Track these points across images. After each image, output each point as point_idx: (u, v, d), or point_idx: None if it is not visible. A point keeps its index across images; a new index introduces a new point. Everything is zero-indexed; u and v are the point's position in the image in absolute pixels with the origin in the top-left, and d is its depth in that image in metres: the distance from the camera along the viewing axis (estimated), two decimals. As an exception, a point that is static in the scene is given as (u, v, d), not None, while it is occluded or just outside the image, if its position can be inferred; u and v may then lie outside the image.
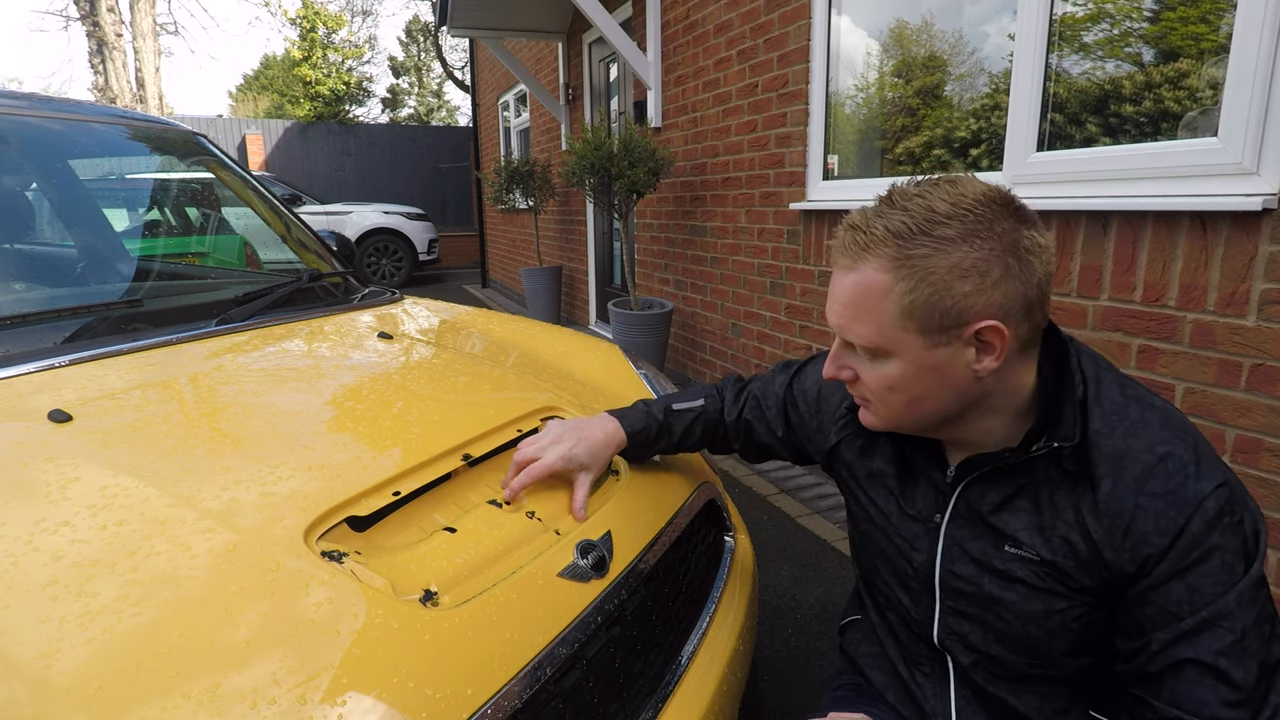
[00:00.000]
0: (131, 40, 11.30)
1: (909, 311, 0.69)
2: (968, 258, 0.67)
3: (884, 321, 0.71)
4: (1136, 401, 0.73)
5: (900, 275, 0.69)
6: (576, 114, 5.90)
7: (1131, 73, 1.81)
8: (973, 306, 0.68)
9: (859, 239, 0.71)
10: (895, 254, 0.69)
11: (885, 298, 0.70)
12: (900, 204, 0.70)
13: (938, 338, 0.70)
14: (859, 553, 0.98)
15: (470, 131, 10.95)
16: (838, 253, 0.74)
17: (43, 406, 0.91)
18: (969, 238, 0.67)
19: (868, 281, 0.70)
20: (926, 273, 0.68)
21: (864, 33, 2.76)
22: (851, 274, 0.72)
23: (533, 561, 0.83)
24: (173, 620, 0.62)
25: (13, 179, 1.61)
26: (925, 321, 0.69)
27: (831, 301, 0.75)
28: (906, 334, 0.70)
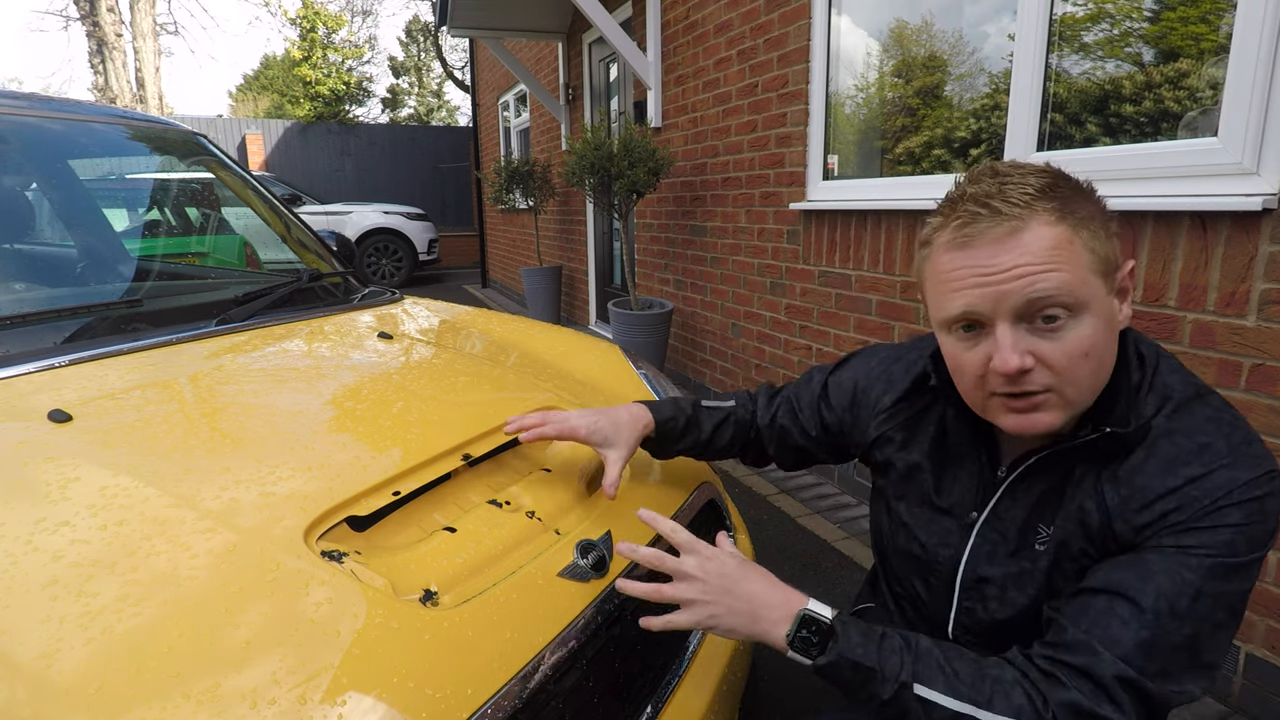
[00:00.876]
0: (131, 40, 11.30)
1: (1097, 257, 0.67)
2: (1096, 205, 0.68)
3: (1081, 270, 0.66)
4: (1195, 394, 0.71)
5: (1074, 224, 0.66)
6: (576, 114, 5.90)
7: (1131, 73, 1.81)
8: (1117, 249, 0.68)
9: (1014, 197, 0.66)
10: (1060, 207, 0.66)
11: (1073, 244, 0.65)
12: (1015, 172, 0.68)
13: (1109, 284, 0.68)
14: (881, 544, 0.96)
15: (470, 131, 10.95)
16: (980, 224, 0.67)
17: (43, 406, 0.91)
18: (1074, 185, 0.68)
19: (1050, 233, 0.65)
20: (1089, 219, 0.67)
21: (864, 32, 2.76)
22: (1024, 231, 0.65)
23: (533, 561, 0.83)
24: (173, 620, 0.62)
25: (13, 179, 1.61)
26: (1106, 265, 0.67)
27: (993, 272, 0.66)
28: (1097, 282, 0.67)
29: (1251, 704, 1.56)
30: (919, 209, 2.29)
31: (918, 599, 0.89)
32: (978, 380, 0.71)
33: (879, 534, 0.97)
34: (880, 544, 0.97)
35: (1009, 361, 0.66)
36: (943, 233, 0.70)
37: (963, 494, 0.82)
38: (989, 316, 0.67)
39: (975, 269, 0.67)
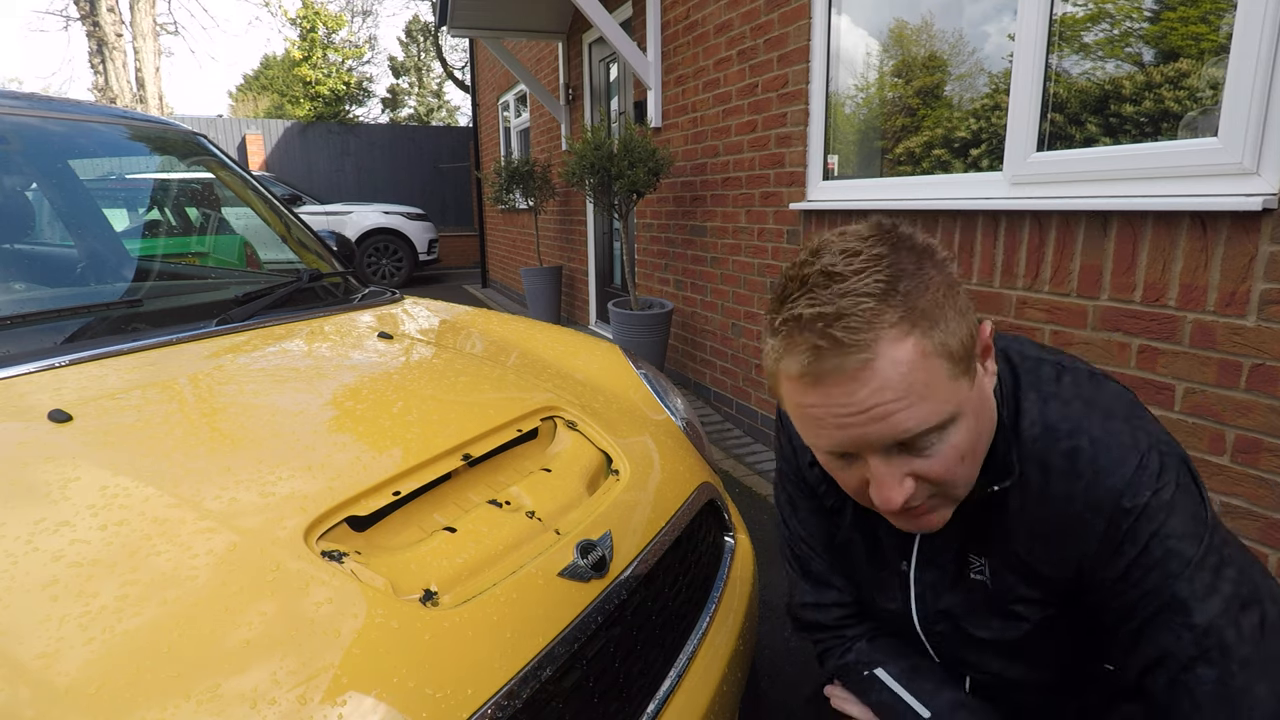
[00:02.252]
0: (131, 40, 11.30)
1: (954, 358, 0.60)
2: (939, 278, 0.61)
3: (942, 384, 0.60)
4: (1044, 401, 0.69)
5: (924, 330, 0.59)
6: (576, 114, 5.89)
7: (1131, 73, 1.81)
8: (971, 318, 0.63)
9: (855, 320, 0.58)
10: (905, 313, 0.58)
11: (928, 359, 0.59)
12: (848, 271, 0.60)
13: (970, 369, 0.63)
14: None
15: (470, 131, 10.95)
16: (826, 360, 0.59)
17: (43, 406, 0.91)
18: (914, 260, 0.61)
19: (902, 356, 0.58)
20: (935, 309, 0.60)
21: (864, 32, 2.76)
22: (874, 362, 0.58)
23: (533, 561, 0.83)
24: (173, 620, 0.62)
25: (13, 179, 1.61)
26: (965, 355, 0.61)
27: (852, 412, 0.60)
28: (959, 382, 0.61)
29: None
30: (919, 209, 2.29)
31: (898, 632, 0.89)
32: (860, 494, 0.68)
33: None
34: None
35: (892, 500, 0.63)
36: (787, 362, 0.61)
37: (889, 548, 0.82)
38: (858, 451, 0.64)
39: (832, 408, 0.60)
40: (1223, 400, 1.56)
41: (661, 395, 1.50)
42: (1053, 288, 1.90)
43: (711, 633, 1.04)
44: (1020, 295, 1.99)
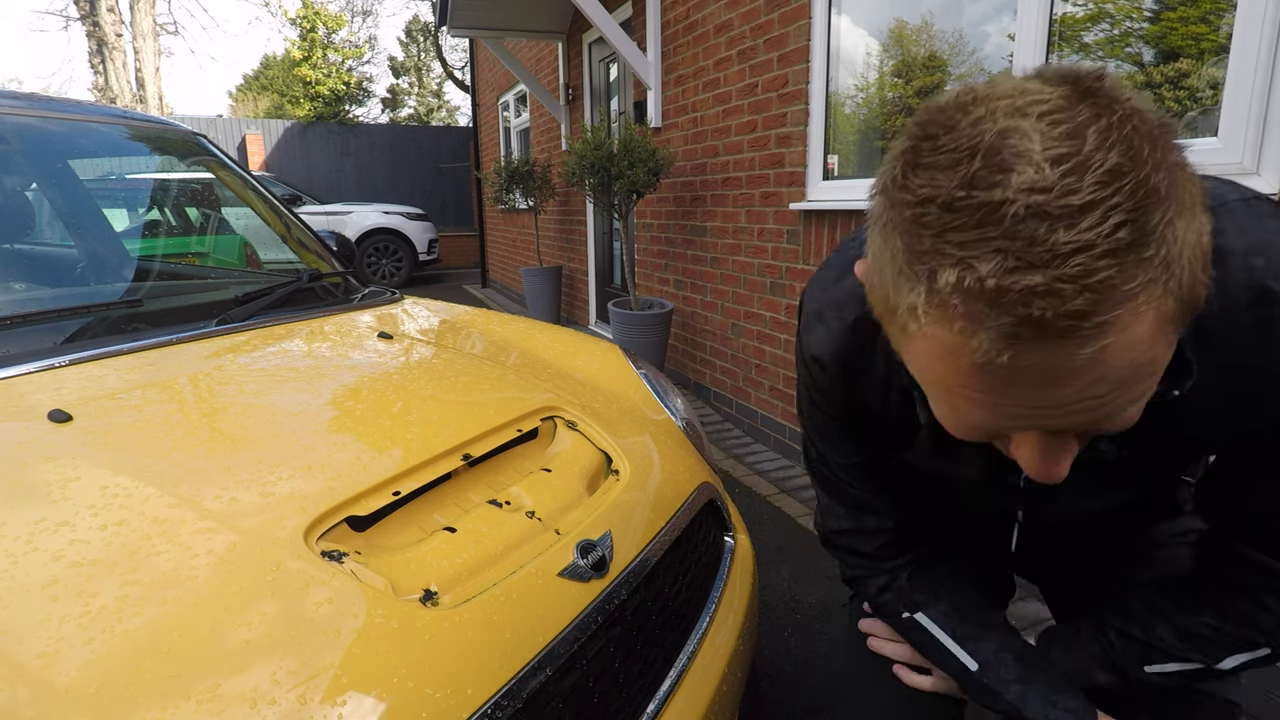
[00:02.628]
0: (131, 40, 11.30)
1: (1189, 307, 0.42)
2: (1181, 178, 0.41)
3: (1164, 355, 0.43)
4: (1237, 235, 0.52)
5: (1167, 285, 0.39)
6: (576, 114, 5.90)
7: (1131, 73, 1.81)
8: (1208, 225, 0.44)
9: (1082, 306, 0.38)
10: (1150, 264, 0.38)
11: (1162, 331, 0.41)
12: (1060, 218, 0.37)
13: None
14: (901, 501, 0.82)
15: (470, 131, 10.95)
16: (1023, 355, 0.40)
17: (43, 406, 0.91)
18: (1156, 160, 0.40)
19: (1139, 337, 0.40)
20: (1183, 243, 0.40)
21: (864, 32, 2.76)
22: (1100, 355, 0.39)
23: (533, 561, 0.83)
24: (173, 620, 0.62)
25: (13, 179, 1.61)
26: (1199, 303, 0.43)
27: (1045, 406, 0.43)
28: (1179, 331, 0.44)
29: (1251, 704, 1.56)
30: (919, 209, 2.29)
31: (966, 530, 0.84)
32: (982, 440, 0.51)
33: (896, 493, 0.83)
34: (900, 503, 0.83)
35: (1051, 474, 0.48)
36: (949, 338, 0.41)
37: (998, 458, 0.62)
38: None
39: (1016, 404, 0.43)
40: (1223, 400, 1.56)
41: (661, 395, 1.50)
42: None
43: (711, 633, 1.04)
44: (1020, 295, 1.99)
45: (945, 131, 0.40)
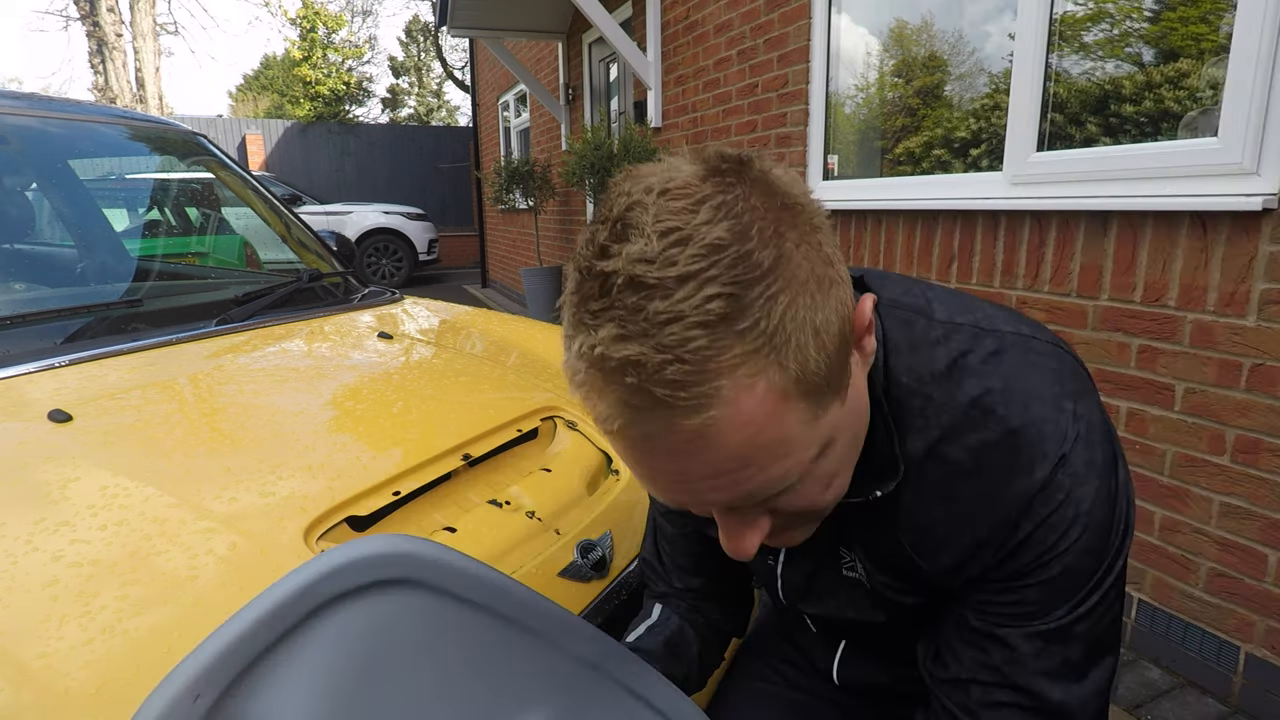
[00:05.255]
0: (131, 40, 11.31)
1: (818, 387, 0.42)
2: (795, 255, 0.40)
3: (803, 430, 0.43)
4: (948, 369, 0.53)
5: (773, 358, 0.39)
6: (576, 114, 5.90)
7: (1131, 73, 1.81)
8: (847, 304, 0.44)
9: (676, 375, 0.38)
10: (750, 342, 0.39)
11: (781, 406, 0.41)
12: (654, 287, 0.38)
13: (841, 379, 0.45)
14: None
15: (470, 131, 10.95)
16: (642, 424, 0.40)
17: (43, 406, 0.91)
18: (768, 232, 0.40)
19: (748, 414, 0.40)
20: (793, 319, 0.40)
21: (864, 32, 2.76)
22: (712, 429, 0.39)
23: (533, 561, 0.83)
24: (173, 620, 0.62)
25: (13, 179, 1.61)
26: (830, 378, 0.43)
27: (696, 475, 0.43)
28: (827, 411, 0.44)
29: (1251, 704, 1.56)
30: (919, 209, 2.29)
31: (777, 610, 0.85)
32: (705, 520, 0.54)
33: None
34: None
35: (744, 550, 0.49)
36: (593, 403, 0.42)
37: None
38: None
39: (665, 474, 0.44)
40: (1223, 400, 1.56)
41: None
42: (1053, 288, 1.90)
43: (711, 633, 1.04)
44: (1020, 295, 1.99)
45: (607, 197, 0.43)
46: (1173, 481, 1.68)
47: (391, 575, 0.43)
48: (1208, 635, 1.64)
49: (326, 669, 0.39)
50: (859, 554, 0.63)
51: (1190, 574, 1.66)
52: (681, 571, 0.80)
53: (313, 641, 0.39)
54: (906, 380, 0.54)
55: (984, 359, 0.53)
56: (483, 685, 0.47)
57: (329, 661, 0.40)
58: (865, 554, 0.62)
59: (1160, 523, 1.71)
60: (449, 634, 0.46)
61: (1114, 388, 1.77)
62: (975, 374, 0.53)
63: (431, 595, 0.45)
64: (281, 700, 0.37)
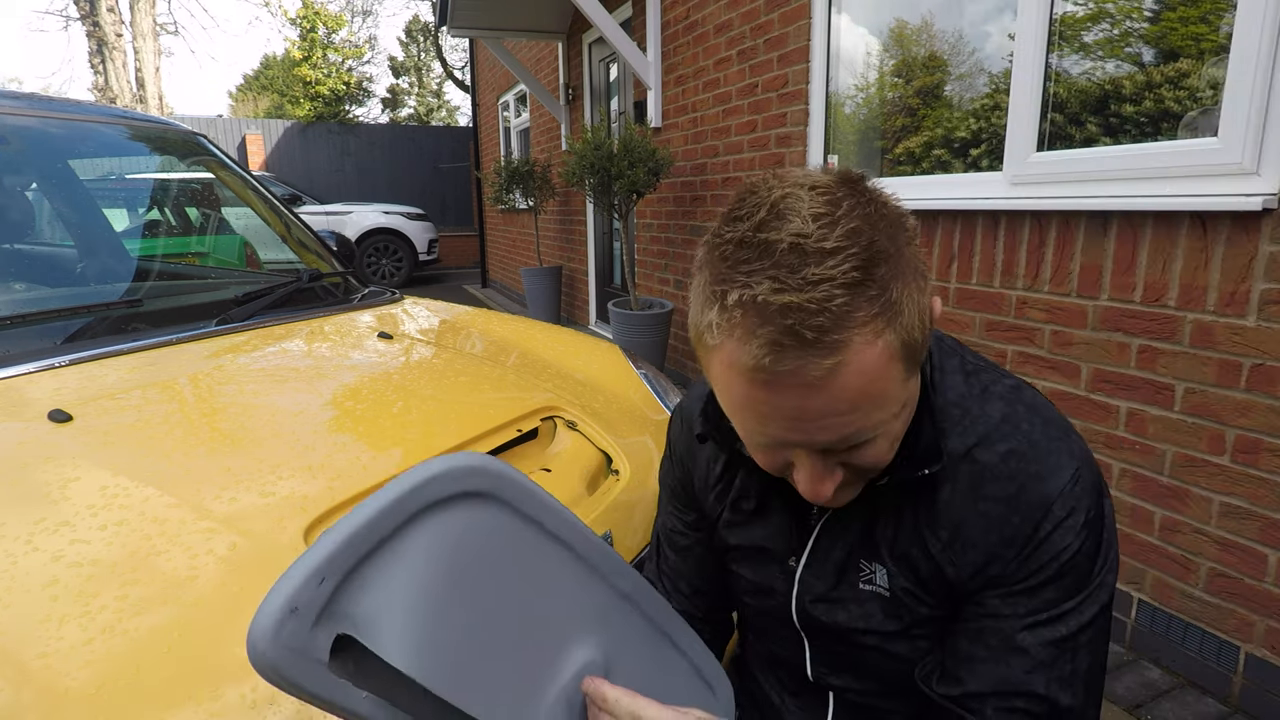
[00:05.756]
0: (131, 40, 11.30)
1: (912, 354, 0.53)
2: (906, 253, 0.52)
3: (897, 386, 0.53)
4: (980, 392, 0.65)
5: (895, 329, 0.50)
6: (576, 114, 5.90)
7: (1131, 73, 1.81)
8: (925, 296, 0.55)
9: (829, 316, 0.48)
10: (880, 308, 0.49)
11: (891, 364, 0.51)
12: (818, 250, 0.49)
13: (925, 354, 0.57)
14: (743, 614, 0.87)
15: (470, 131, 10.95)
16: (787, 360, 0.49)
17: (43, 406, 0.91)
18: (889, 233, 0.51)
19: (869, 362, 0.50)
20: (904, 298, 0.51)
21: (864, 32, 2.76)
22: (840, 370, 0.49)
23: (533, 561, 0.83)
24: (173, 620, 0.62)
25: (13, 179, 1.61)
26: (918, 352, 0.54)
27: (812, 414, 0.52)
28: (910, 379, 0.55)
29: (1251, 704, 1.56)
30: (919, 209, 2.28)
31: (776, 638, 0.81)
32: (775, 470, 0.62)
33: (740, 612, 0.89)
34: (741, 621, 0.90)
35: (821, 493, 0.58)
36: (735, 349, 0.51)
37: (776, 539, 0.75)
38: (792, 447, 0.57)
39: (781, 410, 0.53)
40: (1223, 400, 1.56)
41: (661, 395, 1.50)
42: (1053, 288, 1.90)
43: (711, 633, 1.04)
44: (1020, 295, 1.99)
45: (750, 195, 0.54)
46: (1172, 481, 1.68)
47: (477, 488, 0.47)
48: (1208, 635, 1.64)
49: (419, 573, 0.43)
50: (882, 562, 0.67)
51: (1190, 574, 1.66)
52: (679, 595, 0.86)
53: (410, 547, 0.43)
54: (950, 395, 0.65)
55: (1007, 390, 0.65)
56: (543, 605, 0.51)
57: (421, 566, 0.43)
58: (890, 556, 0.67)
59: (1160, 523, 1.71)
60: (520, 552, 0.50)
61: (1114, 388, 1.77)
62: (1003, 399, 0.65)
63: (508, 512, 0.49)
64: (383, 600, 0.41)
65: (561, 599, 0.52)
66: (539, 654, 0.51)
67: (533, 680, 0.50)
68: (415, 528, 0.44)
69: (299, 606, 0.39)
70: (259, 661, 0.37)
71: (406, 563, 0.43)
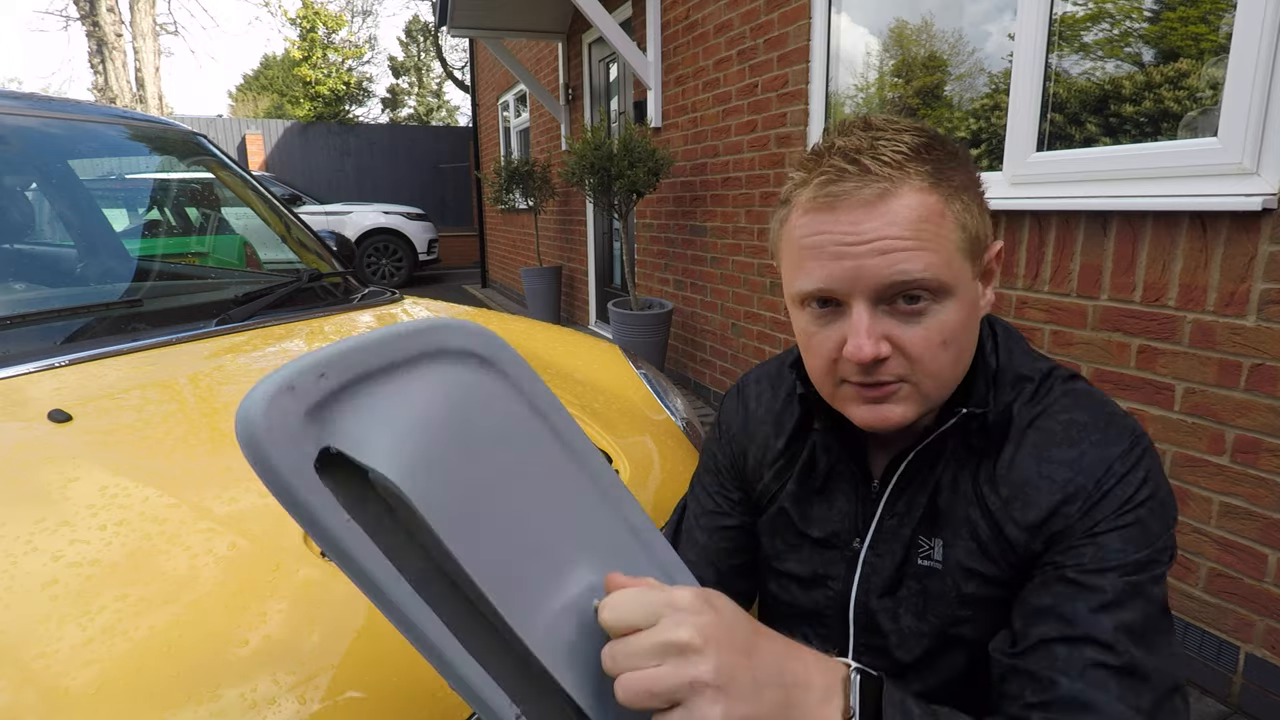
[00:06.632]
0: (131, 40, 11.30)
1: (967, 234, 0.60)
2: (970, 174, 0.62)
3: (950, 248, 0.59)
4: (1047, 372, 0.69)
5: (947, 194, 0.59)
6: (576, 114, 5.90)
7: (1131, 73, 1.81)
8: (988, 225, 0.63)
9: (886, 154, 0.58)
10: (934, 171, 0.59)
11: (944, 219, 0.59)
12: (889, 127, 0.61)
13: (976, 266, 0.62)
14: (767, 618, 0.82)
15: (470, 131, 10.95)
16: (846, 182, 0.58)
17: (43, 406, 0.91)
18: (952, 150, 0.61)
19: (920, 202, 0.58)
20: (962, 189, 0.60)
21: (864, 31, 2.76)
22: (893, 197, 0.57)
23: (533, 561, 0.83)
24: (173, 620, 0.62)
25: (13, 179, 1.61)
26: (975, 245, 0.61)
27: (855, 241, 0.58)
28: (964, 264, 0.61)
29: (1251, 704, 1.56)
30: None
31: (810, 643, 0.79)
32: (829, 365, 0.63)
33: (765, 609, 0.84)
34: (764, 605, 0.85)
35: (863, 349, 0.59)
36: (804, 190, 0.61)
37: (840, 521, 0.73)
38: (846, 294, 0.60)
39: (836, 236, 0.59)
40: (1223, 400, 1.56)
41: (661, 395, 1.50)
42: (1053, 288, 1.90)
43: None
44: (1020, 295, 1.99)
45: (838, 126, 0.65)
46: (1172, 481, 1.68)
47: (488, 355, 0.46)
48: (1207, 635, 1.64)
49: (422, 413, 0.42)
50: (940, 534, 0.68)
51: (1190, 574, 1.66)
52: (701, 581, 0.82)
53: (416, 386, 0.42)
54: (1016, 366, 0.69)
55: (1067, 374, 0.70)
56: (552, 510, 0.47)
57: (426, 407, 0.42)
58: (949, 523, 0.67)
59: (1160, 523, 1.71)
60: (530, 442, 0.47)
61: (1114, 388, 1.77)
62: (1063, 380, 0.69)
63: (519, 398, 0.47)
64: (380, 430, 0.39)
65: (570, 512, 0.48)
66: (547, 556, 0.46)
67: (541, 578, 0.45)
68: (421, 368, 0.42)
69: (296, 386, 0.37)
70: (244, 431, 0.35)
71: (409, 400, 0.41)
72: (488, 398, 0.46)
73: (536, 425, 0.48)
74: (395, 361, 0.41)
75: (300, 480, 0.36)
